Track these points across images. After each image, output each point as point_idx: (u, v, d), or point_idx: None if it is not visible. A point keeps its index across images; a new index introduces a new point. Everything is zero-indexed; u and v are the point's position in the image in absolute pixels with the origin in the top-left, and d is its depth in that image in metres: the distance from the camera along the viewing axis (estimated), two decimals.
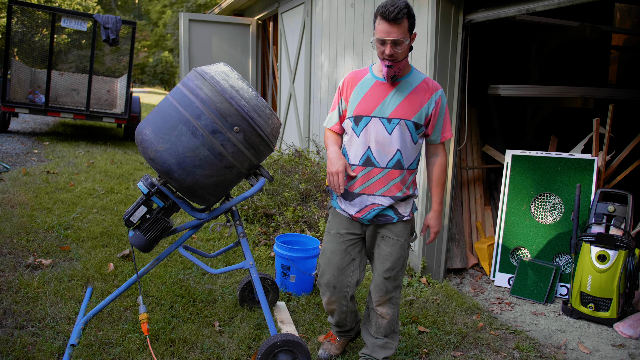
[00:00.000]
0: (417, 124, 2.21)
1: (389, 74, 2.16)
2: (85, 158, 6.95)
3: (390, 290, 2.34)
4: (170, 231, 2.52)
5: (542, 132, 5.51)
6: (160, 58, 34.92)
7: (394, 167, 2.22)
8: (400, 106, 2.19)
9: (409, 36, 2.09)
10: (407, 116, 2.19)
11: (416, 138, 2.24)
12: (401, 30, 2.06)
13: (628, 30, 6.84)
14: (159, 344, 2.55)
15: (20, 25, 8.64)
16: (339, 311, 2.45)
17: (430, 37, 3.77)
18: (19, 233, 3.81)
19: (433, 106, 2.22)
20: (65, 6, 18.85)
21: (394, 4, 2.04)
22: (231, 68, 2.39)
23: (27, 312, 2.71)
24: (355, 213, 2.28)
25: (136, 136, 2.35)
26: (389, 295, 2.34)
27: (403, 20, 2.05)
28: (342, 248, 2.35)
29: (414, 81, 2.23)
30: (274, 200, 4.76)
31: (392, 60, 2.11)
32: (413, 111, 2.19)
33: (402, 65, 2.15)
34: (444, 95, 2.25)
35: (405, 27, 2.07)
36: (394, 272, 2.31)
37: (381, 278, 2.32)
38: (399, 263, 2.31)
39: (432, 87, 2.23)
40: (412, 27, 2.11)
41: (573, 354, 2.88)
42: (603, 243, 3.29)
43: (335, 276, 2.36)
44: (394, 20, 2.03)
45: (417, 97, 2.20)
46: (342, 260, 2.35)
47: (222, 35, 8.46)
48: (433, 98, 2.22)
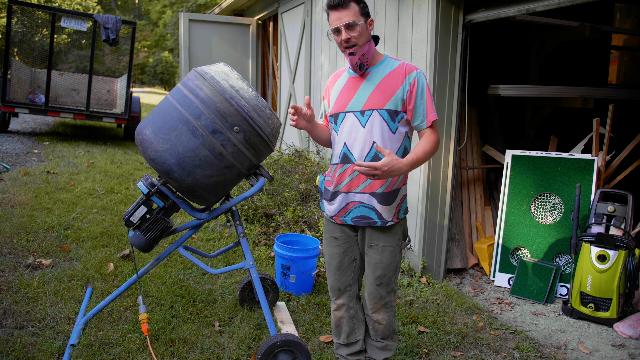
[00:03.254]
0: (393, 111, 2.09)
1: (353, 61, 2.09)
2: (85, 158, 6.95)
3: (384, 296, 2.27)
4: (170, 231, 2.52)
5: (542, 132, 5.51)
6: (160, 58, 34.91)
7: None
8: (372, 96, 2.10)
9: (362, 18, 2.04)
10: (379, 105, 2.09)
11: (395, 127, 2.10)
12: (351, 12, 2.02)
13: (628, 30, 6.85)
14: (159, 344, 2.55)
15: (20, 25, 8.63)
16: (347, 317, 2.34)
17: (430, 37, 3.77)
18: (19, 233, 3.81)
19: (408, 88, 2.08)
20: (65, 6, 18.85)
21: None
22: (231, 68, 2.39)
23: (27, 312, 2.71)
24: (335, 214, 2.22)
25: (136, 136, 2.35)
26: (383, 301, 2.28)
27: (349, 4, 2.02)
28: (339, 251, 2.30)
29: (387, 68, 2.13)
30: (274, 200, 4.76)
31: (352, 47, 2.06)
32: (385, 98, 2.09)
33: (366, 50, 2.08)
34: (421, 76, 2.10)
35: (355, 10, 2.03)
36: (386, 278, 2.24)
37: (373, 286, 2.25)
38: (390, 269, 2.24)
39: (407, 69, 2.10)
40: (365, 12, 2.06)
41: (573, 354, 2.88)
42: (603, 243, 3.29)
43: (338, 278, 2.31)
44: (340, 5, 2.02)
45: (390, 83, 2.10)
46: (342, 263, 2.30)
47: (222, 35, 8.46)
48: (407, 80, 2.08)
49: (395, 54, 4.34)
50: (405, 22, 4.14)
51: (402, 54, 4.23)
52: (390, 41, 4.41)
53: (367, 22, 2.07)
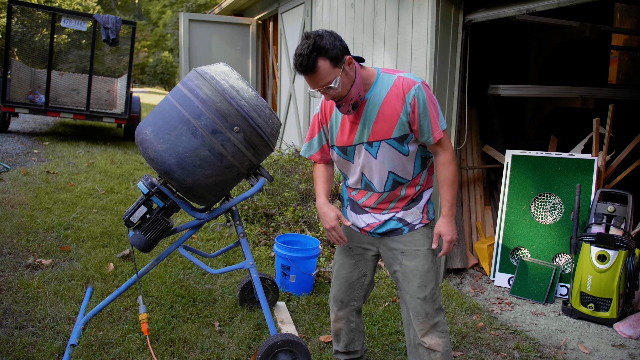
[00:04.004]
0: (401, 137, 1.93)
1: (345, 110, 1.90)
2: (85, 158, 6.95)
3: (431, 315, 2.01)
4: (170, 231, 2.52)
5: (542, 132, 5.52)
6: (160, 58, 34.92)
7: (392, 188, 2.01)
8: (376, 127, 1.93)
9: (337, 71, 1.79)
10: (385, 135, 1.93)
11: (406, 150, 1.96)
12: (322, 74, 1.78)
13: (628, 30, 6.85)
14: (159, 344, 2.55)
15: (20, 25, 8.64)
16: (347, 329, 2.25)
17: (430, 37, 3.77)
18: (19, 233, 3.81)
19: (409, 110, 1.88)
20: (65, 6, 18.85)
21: (300, 53, 1.76)
22: (231, 68, 2.39)
23: (27, 312, 2.71)
24: (364, 226, 2.10)
25: (136, 136, 2.35)
26: (431, 320, 2.01)
27: (317, 67, 1.76)
28: (351, 262, 2.18)
29: (383, 89, 1.91)
30: (274, 200, 4.76)
31: (339, 100, 1.88)
32: (390, 127, 1.92)
33: (354, 93, 1.87)
34: (420, 90, 1.87)
35: (326, 69, 1.77)
36: (428, 289, 2.00)
37: (415, 300, 2.01)
38: (429, 277, 2.01)
39: (404, 88, 1.88)
40: (337, 59, 1.78)
41: (573, 354, 2.88)
42: (603, 243, 3.29)
43: (343, 290, 2.20)
44: (308, 71, 1.78)
45: (391, 108, 1.90)
46: (351, 274, 2.18)
47: (222, 35, 8.46)
48: (407, 101, 1.88)
49: (395, 54, 4.34)
50: (405, 22, 4.14)
51: (402, 54, 4.23)
52: (390, 41, 4.41)
53: (345, 67, 1.82)
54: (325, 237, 4.20)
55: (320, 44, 1.75)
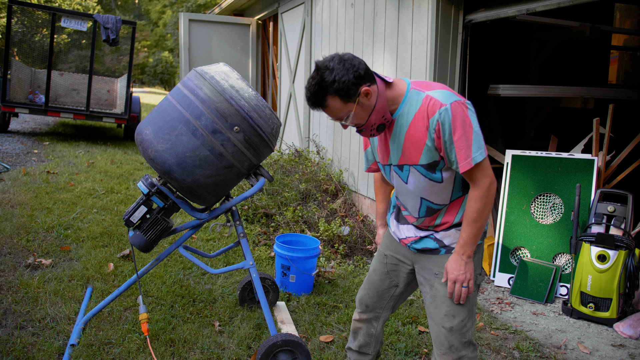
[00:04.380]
0: (430, 164, 1.74)
1: (366, 135, 1.78)
2: (85, 158, 6.95)
3: (456, 347, 1.81)
4: (170, 231, 2.52)
5: (542, 132, 5.52)
6: (160, 58, 34.93)
7: (427, 214, 1.84)
8: (404, 150, 1.77)
9: (350, 105, 1.66)
10: (413, 161, 1.76)
11: (439, 177, 1.76)
12: (333, 110, 1.68)
13: (628, 30, 6.85)
14: (159, 344, 2.55)
15: (20, 25, 8.64)
16: (366, 332, 2.12)
17: (430, 37, 3.77)
18: (19, 233, 3.81)
19: (434, 136, 1.68)
20: (65, 6, 18.86)
21: (308, 88, 1.67)
22: (231, 68, 2.39)
23: (27, 312, 2.71)
24: (403, 238, 1.96)
25: (136, 136, 2.35)
26: (455, 353, 1.81)
27: (326, 104, 1.66)
28: (383, 270, 2.05)
29: (410, 111, 1.72)
30: (274, 200, 4.76)
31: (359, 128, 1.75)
32: (417, 152, 1.74)
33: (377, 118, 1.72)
34: (446, 114, 1.64)
35: (337, 104, 1.65)
36: (456, 320, 1.79)
37: (439, 328, 1.82)
38: (460, 308, 1.80)
39: (429, 111, 1.67)
40: (348, 94, 1.63)
41: (573, 354, 2.88)
42: (603, 243, 3.29)
43: (370, 296, 2.08)
44: (317, 108, 1.69)
45: (417, 132, 1.71)
46: (381, 283, 2.05)
47: (222, 35, 8.46)
48: (431, 126, 1.67)
49: (395, 54, 4.34)
50: (406, 22, 4.14)
51: (402, 54, 4.23)
52: (390, 41, 4.41)
53: (361, 97, 1.66)
54: (325, 237, 4.21)
55: (329, 80, 1.61)
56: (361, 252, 4.25)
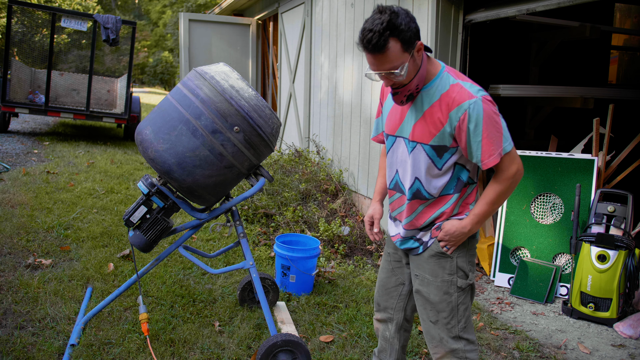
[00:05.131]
0: (439, 146, 1.73)
1: (398, 100, 1.74)
2: (85, 158, 6.95)
3: (445, 340, 1.83)
4: (170, 231, 2.52)
5: (542, 132, 5.52)
6: (160, 58, 34.94)
7: (414, 197, 1.83)
8: (417, 126, 1.75)
9: (406, 57, 1.62)
10: (423, 139, 1.74)
11: (441, 162, 1.75)
12: (390, 57, 1.60)
13: (628, 30, 6.85)
14: (159, 344, 2.55)
15: (20, 25, 8.64)
16: (382, 336, 2.14)
17: (430, 37, 3.77)
18: (19, 233, 3.81)
19: (455, 124, 1.67)
20: (65, 6, 18.86)
21: (371, 28, 1.57)
22: (231, 68, 2.40)
23: (27, 312, 2.71)
24: (393, 235, 1.99)
25: (136, 136, 2.35)
26: (446, 346, 1.83)
27: (387, 46, 1.58)
28: (389, 267, 2.07)
29: (438, 90, 1.71)
30: (274, 200, 4.76)
31: (397, 88, 1.71)
32: (431, 133, 1.72)
33: (416, 83, 1.70)
34: (476, 106, 1.63)
35: (397, 51, 1.59)
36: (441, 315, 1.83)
37: (427, 323, 1.88)
38: (442, 307, 1.83)
39: (456, 99, 1.66)
40: (409, 42, 1.60)
41: (573, 354, 2.88)
42: (603, 243, 3.29)
43: (380, 294, 2.11)
44: (376, 51, 1.59)
45: (437, 114, 1.70)
46: (388, 280, 2.07)
47: (222, 35, 8.46)
48: (454, 115, 1.66)
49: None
50: None
51: None
52: None
53: (414, 53, 1.63)
54: (325, 237, 4.21)
55: (396, 22, 1.56)
56: (361, 252, 4.25)
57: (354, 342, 2.76)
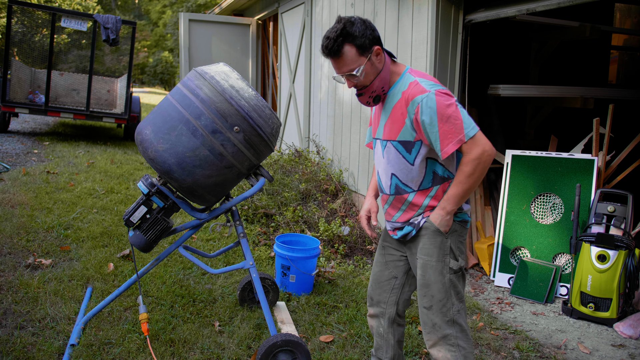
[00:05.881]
0: (407, 142, 1.85)
1: (364, 100, 1.91)
2: (85, 158, 6.95)
3: (439, 326, 1.88)
4: (170, 231, 2.52)
5: (542, 132, 5.52)
6: (160, 58, 34.93)
7: (395, 193, 1.95)
8: (387, 125, 1.91)
9: (363, 59, 1.78)
10: (392, 136, 1.89)
11: (412, 157, 1.86)
12: (347, 61, 1.78)
13: (628, 30, 6.85)
14: (159, 344, 2.55)
15: (20, 25, 8.64)
16: (376, 332, 2.18)
17: (430, 37, 3.77)
18: (19, 233, 3.81)
19: (413, 117, 1.79)
20: (65, 6, 18.86)
21: (328, 36, 1.78)
22: (231, 68, 2.40)
23: (27, 312, 2.71)
24: (390, 229, 2.08)
25: (136, 136, 2.35)
26: (439, 332, 1.89)
27: (342, 51, 1.77)
28: (382, 260, 2.14)
29: (400, 89, 1.85)
30: (274, 200, 4.76)
31: (360, 89, 1.88)
32: (397, 129, 1.86)
33: (377, 86, 1.86)
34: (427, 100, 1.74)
35: (352, 55, 1.77)
36: (435, 300, 1.89)
37: (421, 309, 1.94)
38: (436, 289, 1.88)
39: (411, 94, 1.78)
40: (364, 47, 1.77)
41: (573, 354, 2.88)
42: (603, 243, 3.29)
43: (373, 288, 2.16)
44: (332, 55, 1.79)
45: (400, 110, 1.84)
46: (381, 274, 2.13)
47: (222, 35, 8.46)
48: (411, 109, 1.79)
49: (395, 54, 4.34)
50: (406, 22, 4.14)
51: (402, 54, 4.23)
52: (390, 41, 4.41)
53: (372, 57, 1.80)
54: (325, 237, 4.21)
55: (350, 30, 1.76)
56: (361, 252, 4.25)
57: (354, 342, 2.76)
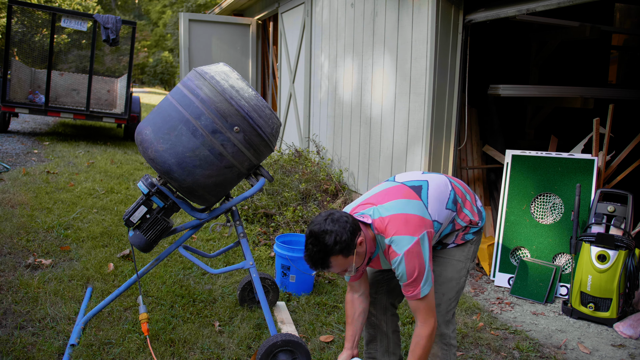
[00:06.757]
0: None
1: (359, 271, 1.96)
2: (85, 158, 6.95)
3: (438, 324, 1.95)
4: (170, 231, 2.52)
5: (542, 132, 5.51)
6: (160, 58, 34.91)
7: None
8: None
9: (351, 259, 1.77)
10: None
11: None
12: (337, 267, 1.78)
13: (628, 30, 6.84)
14: (159, 344, 2.55)
15: (20, 25, 8.64)
16: (369, 322, 2.18)
17: (430, 37, 3.77)
18: (19, 233, 3.81)
19: None
20: (65, 6, 18.85)
21: (311, 255, 1.75)
22: (231, 68, 2.39)
23: (27, 312, 2.71)
24: None
25: (136, 136, 2.35)
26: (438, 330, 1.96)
27: (331, 263, 1.75)
28: None
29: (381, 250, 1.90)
30: (274, 200, 4.76)
31: None
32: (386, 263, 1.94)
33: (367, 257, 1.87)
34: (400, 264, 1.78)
35: (339, 262, 1.76)
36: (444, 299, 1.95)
37: None
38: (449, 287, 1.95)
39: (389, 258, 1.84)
40: (348, 249, 1.74)
41: (573, 354, 2.88)
42: (603, 243, 3.29)
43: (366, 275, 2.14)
44: (322, 269, 1.79)
45: None
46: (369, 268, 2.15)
47: (222, 35, 8.46)
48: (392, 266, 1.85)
49: (395, 54, 4.34)
50: (406, 22, 4.14)
51: (402, 54, 4.23)
52: (390, 41, 4.41)
53: (357, 248, 1.77)
54: None
55: (330, 242, 1.71)
56: None
57: None
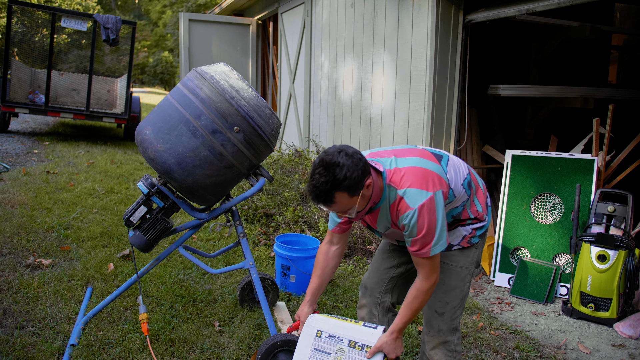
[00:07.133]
0: None
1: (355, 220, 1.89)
2: (85, 158, 6.95)
3: (443, 332, 1.94)
4: (170, 231, 2.52)
5: (542, 132, 5.51)
6: (160, 58, 34.91)
7: None
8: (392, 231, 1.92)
9: (355, 200, 1.68)
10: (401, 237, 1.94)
11: None
12: (340, 206, 1.69)
13: (628, 30, 6.84)
14: (159, 344, 2.55)
15: (20, 25, 8.64)
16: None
17: (430, 37, 3.77)
18: (19, 233, 3.81)
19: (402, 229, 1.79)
20: (65, 6, 18.85)
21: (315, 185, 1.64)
22: (231, 68, 2.40)
23: (27, 312, 2.71)
24: None
25: (136, 136, 2.35)
26: (441, 337, 1.95)
27: (334, 200, 1.66)
28: (386, 249, 2.14)
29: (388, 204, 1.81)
30: (274, 200, 4.76)
31: None
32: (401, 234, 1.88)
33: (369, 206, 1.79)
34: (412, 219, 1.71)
35: (344, 200, 1.66)
36: (449, 307, 1.91)
37: (432, 312, 1.95)
38: (453, 295, 1.92)
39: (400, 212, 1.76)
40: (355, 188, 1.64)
41: (573, 354, 2.88)
42: (603, 243, 3.29)
43: (370, 276, 2.14)
44: (324, 204, 1.69)
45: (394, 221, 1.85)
46: (382, 262, 2.12)
47: (222, 35, 8.46)
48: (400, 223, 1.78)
49: (395, 54, 4.34)
50: (406, 22, 4.14)
51: (402, 54, 4.23)
52: (390, 41, 4.41)
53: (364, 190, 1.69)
54: None
55: (340, 176, 1.61)
56: (361, 252, 4.25)
57: None
